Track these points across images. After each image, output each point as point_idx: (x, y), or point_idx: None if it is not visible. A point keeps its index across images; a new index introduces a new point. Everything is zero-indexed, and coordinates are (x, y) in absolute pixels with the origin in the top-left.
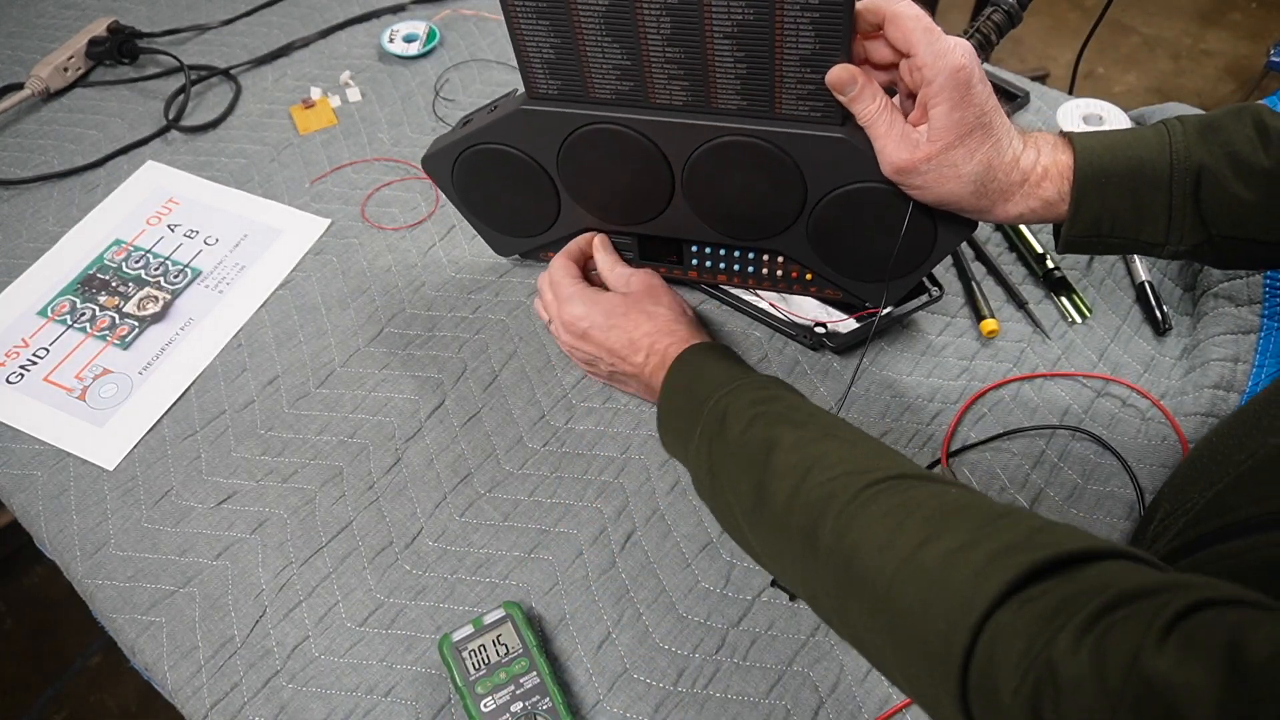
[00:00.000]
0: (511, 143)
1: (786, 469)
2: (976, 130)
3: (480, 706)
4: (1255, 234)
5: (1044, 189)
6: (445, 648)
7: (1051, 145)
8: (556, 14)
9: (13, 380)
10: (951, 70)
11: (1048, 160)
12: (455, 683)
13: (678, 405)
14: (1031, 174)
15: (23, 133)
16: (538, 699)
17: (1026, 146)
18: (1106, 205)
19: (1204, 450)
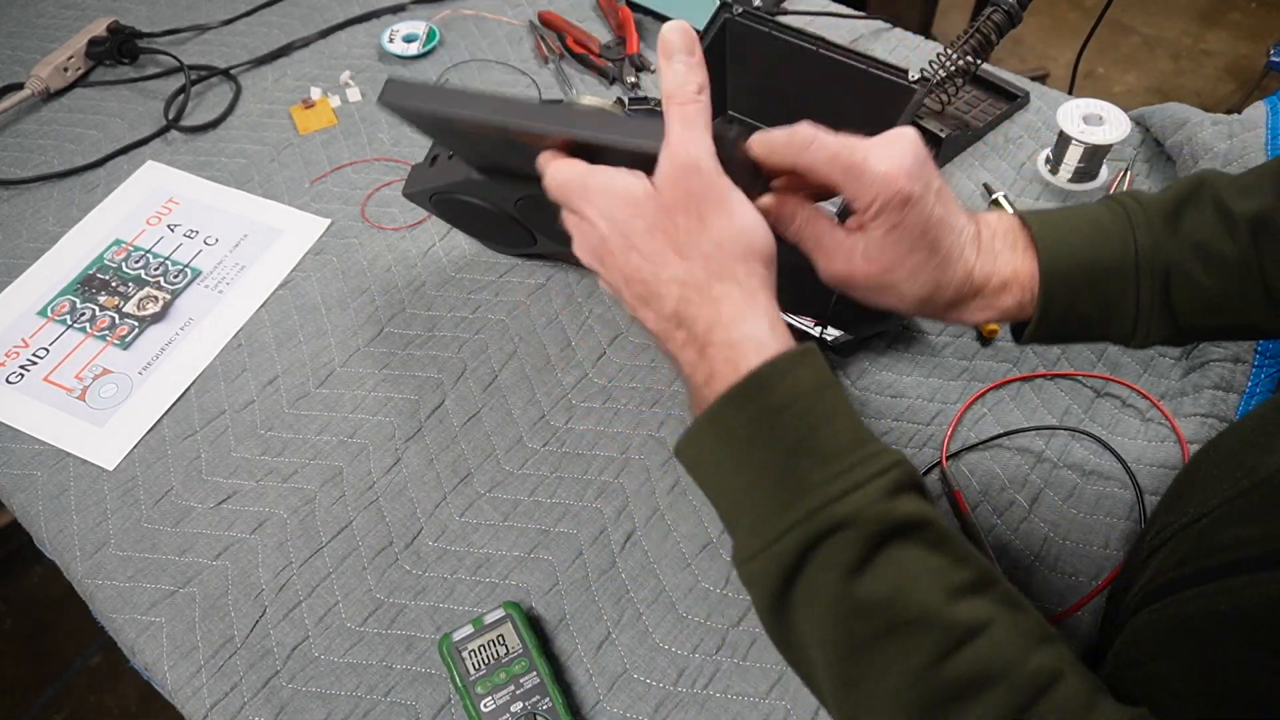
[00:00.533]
0: (474, 195)
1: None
2: (918, 251)
3: (480, 707)
4: (1225, 320)
5: (1003, 300)
6: (445, 648)
7: (1010, 247)
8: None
9: (13, 380)
10: (884, 200)
11: (1006, 271)
12: (455, 683)
13: (754, 460)
14: (987, 286)
15: (23, 133)
16: (538, 699)
17: (981, 254)
18: (1073, 310)
19: (1199, 466)
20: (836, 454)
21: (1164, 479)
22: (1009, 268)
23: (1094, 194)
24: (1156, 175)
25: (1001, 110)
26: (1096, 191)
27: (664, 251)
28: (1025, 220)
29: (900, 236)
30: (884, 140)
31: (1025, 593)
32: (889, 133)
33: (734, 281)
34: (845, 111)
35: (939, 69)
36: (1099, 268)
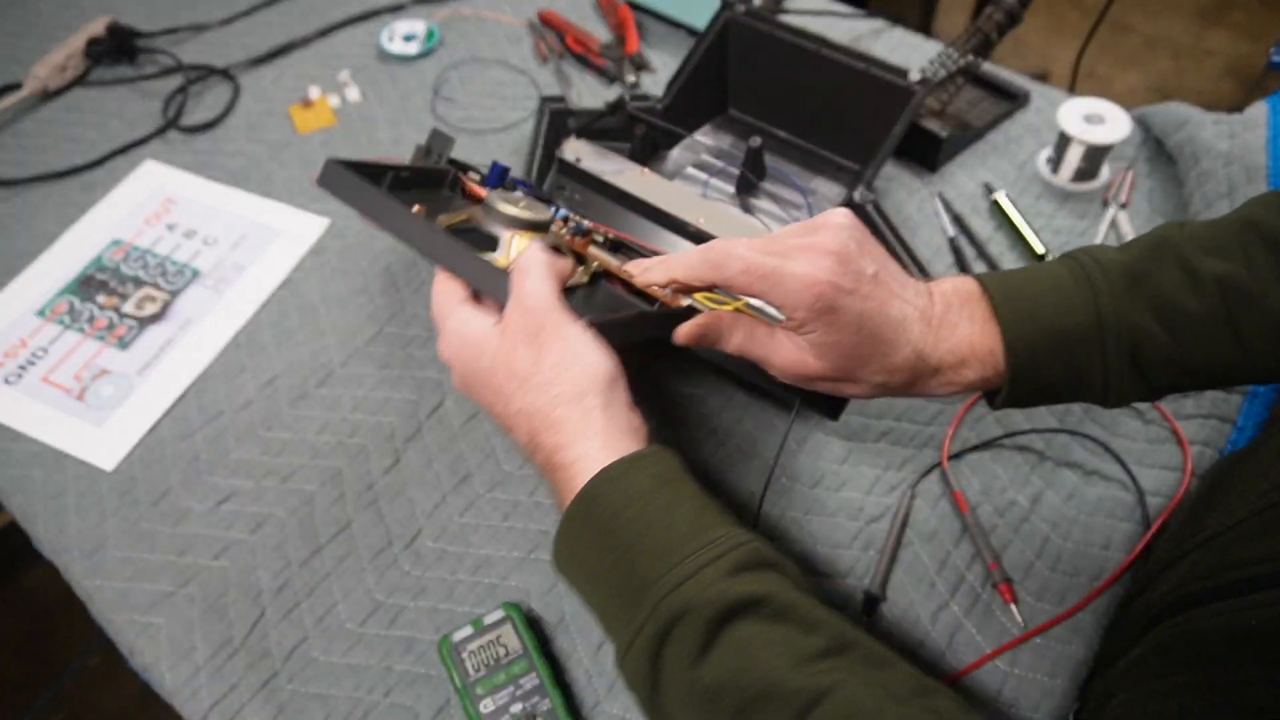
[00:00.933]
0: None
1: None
2: (862, 344)
3: (480, 708)
4: (1198, 376)
5: (964, 375)
6: (445, 649)
7: (969, 319)
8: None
9: (11, 380)
10: (807, 306)
11: (963, 348)
12: (455, 684)
13: (593, 559)
14: (945, 364)
15: (21, 133)
16: (537, 700)
17: (934, 331)
18: (1041, 379)
19: (1223, 478)
20: (673, 547)
21: (1165, 480)
22: (966, 343)
23: (1095, 193)
24: (1157, 175)
25: (1002, 110)
26: (1097, 191)
27: (508, 385)
28: (984, 285)
29: (839, 340)
30: (805, 234)
31: (1025, 593)
32: (815, 220)
33: (572, 405)
34: (846, 112)
35: (939, 68)
36: (1064, 336)
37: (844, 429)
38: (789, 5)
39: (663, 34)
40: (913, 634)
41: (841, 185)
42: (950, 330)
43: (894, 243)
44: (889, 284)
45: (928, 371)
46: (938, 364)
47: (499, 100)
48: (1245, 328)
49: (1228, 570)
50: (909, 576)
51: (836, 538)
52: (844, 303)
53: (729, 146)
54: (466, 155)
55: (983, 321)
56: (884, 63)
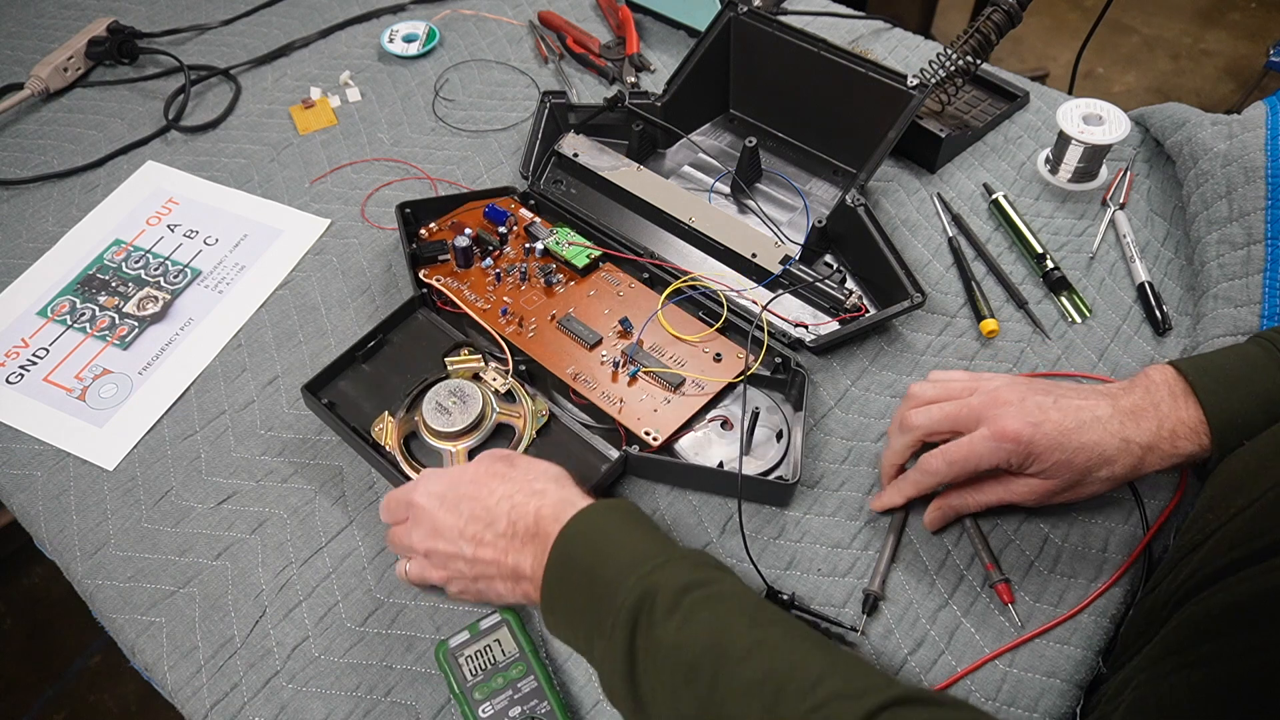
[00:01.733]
0: None
1: (748, 685)
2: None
3: (479, 712)
4: None
5: (1180, 446)
6: (442, 654)
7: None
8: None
9: (13, 380)
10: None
11: (1169, 421)
12: (453, 689)
13: (572, 587)
14: (1158, 441)
15: (22, 133)
16: (535, 703)
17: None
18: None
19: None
20: (640, 559)
21: (1161, 482)
22: (1172, 418)
23: (1094, 193)
24: (1156, 175)
25: (1001, 110)
26: (1096, 191)
27: (488, 483)
28: (1178, 368)
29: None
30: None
31: (1024, 593)
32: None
33: (549, 480)
34: (844, 114)
35: (939, 69)
36: (1263, 400)
37: (844, 429)
38: (789, 6)
39: (663, 34)
40: (912, 633)
41: (838, 187)
42: (1151, 411)
43: (884, 247)
44: (1074, 399)
45: (1141, 452)
46: (1149, 443)
47: (499, 100)
48: None
49: (1254, 539)
50: (909, 576)
51: (836, 537)
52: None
53: (727, 146)
54: (466, 155)
55: (1183, 397)
56: (883, 66)
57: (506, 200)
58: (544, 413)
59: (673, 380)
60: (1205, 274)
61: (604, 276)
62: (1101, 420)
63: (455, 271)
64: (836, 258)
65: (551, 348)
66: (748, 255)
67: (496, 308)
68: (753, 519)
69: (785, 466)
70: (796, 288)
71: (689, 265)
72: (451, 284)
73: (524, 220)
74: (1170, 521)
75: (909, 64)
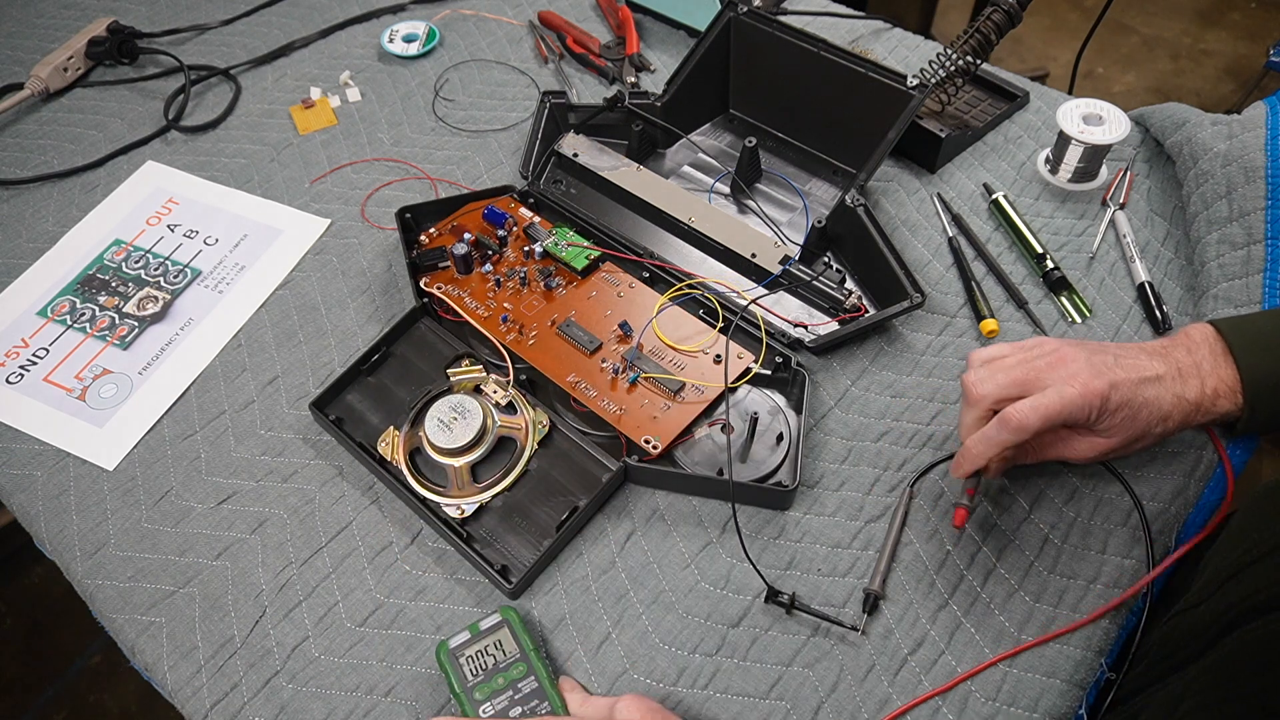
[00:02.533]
0: None
1: None
2: (1137, 413)
3: (479, 712)
4: None
5: (1220, 406)
6: (443, 655)
7: (1209, 355)
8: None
9: (13, 380)
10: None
11: (1212, 380)
12: (454, 689)
13: None
14: (1204, 399)
15: (22, 133)
16: (536, 703)
17: (1186, 379)
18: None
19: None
20: None
21: (1162, 484)
22: (1214, 377)
23: (1094, 193)
24: (1156, 175)
25: (1001, 110)
26: (1096, 191)
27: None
28: (1219, 328)
29: (1115, 414)
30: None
31: (1024, 593)
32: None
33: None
34: (844, 115)
35: (939, 69)
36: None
37: (844, 429)
38: (789, 6)
39: (663, 34)
40: (912, 633)
41: (838, 188)
42: (1195, 370)
43: (883, 246)
44: (1132, 358)
45: (1190, 409)
46: (1197, 401)
47: (499, 100)
48: None
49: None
50: (908, 576)
51: (836, 537)
52: (1114, 393)
53: (727, 146)
54: (466, 155)
55: (1223, 356)
56: (883, 67)
57: (506, 200)
58: (545, 423)
59: (672, 386)
60: (1205, 274)
61: (604, 277)
62: (1161, 379)
63: (455, 278)
64: (836, 258)
65: (552, 355)
66: (747, 255)
67: (497, 315)
68: (753, 519)
69: (784, 471)
70: (796, 288)
71: (689, 265)
72: (452, 291)
73: (523, 221)
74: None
75: (909, 64)
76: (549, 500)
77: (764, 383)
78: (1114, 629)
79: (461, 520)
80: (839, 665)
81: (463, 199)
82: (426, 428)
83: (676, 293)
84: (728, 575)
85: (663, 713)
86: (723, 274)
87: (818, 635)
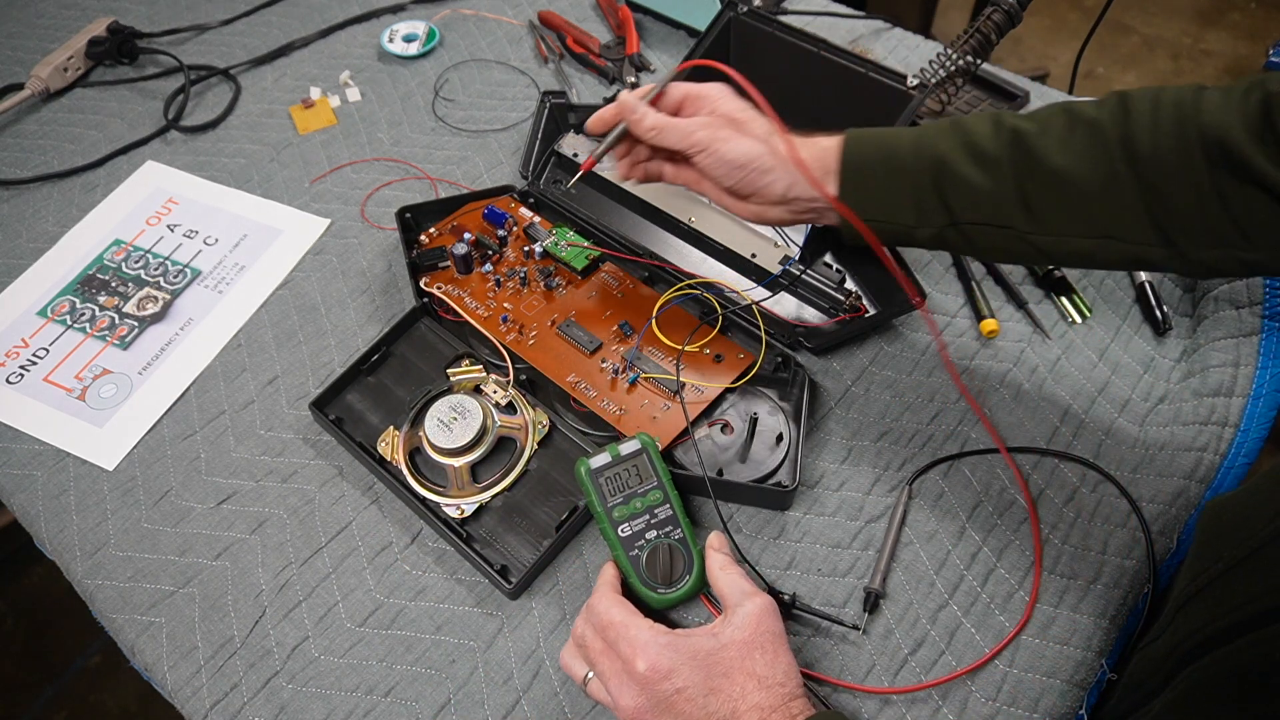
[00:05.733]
0: None
1: None
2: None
3: (618, 532)
4: (990, 218)
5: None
6: (584, 471)
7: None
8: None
9: (13, 380)
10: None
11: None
12: (594, 507)
13: None
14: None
15: (22, 133)
16: (670, 529)
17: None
18: (866, 185)
19: (1228, 508)
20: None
21: (1162, 485)
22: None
23: None
24: None
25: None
26: None
27: (747, 684)
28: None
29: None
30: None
31: (1023, 593)
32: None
33: (801, 699)
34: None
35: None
36: (884, 150)
37: (844, 429)
38: (789, 6)
39: (663, 34)
40: (912, 633)
41: None
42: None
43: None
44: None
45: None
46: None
47: (499, 100)
48: (1024, 175)
49: (1248, 604)
50: (908, 576)
51: (836, 537)
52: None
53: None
54: (466, 155)
55: (838, 140)
56: (883, 67)
57: (506, 200)
58: (545, 423)
59: (672, 386)
60: None
61: (604, 277)
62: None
63: (455, 278)
64: (836, 258)
65: (552, 355)
66: (747, 256)
67: (497, 315)
68: (753, 519)
69: (784, 471)
70: (796, 288)
71: (689, 265)
72: (452, 291)
73: (523, 221)
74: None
75: (909, 64)
76: (549, 500)
77: (764, 383)
78: (1114, 630)
79: (461, 520)
80: (839, 665)
81: (463, 199)
82: (426, 428)
83: (676, 293)
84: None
85: (779, 636)
86: (723, 274)
87: (818, 635)
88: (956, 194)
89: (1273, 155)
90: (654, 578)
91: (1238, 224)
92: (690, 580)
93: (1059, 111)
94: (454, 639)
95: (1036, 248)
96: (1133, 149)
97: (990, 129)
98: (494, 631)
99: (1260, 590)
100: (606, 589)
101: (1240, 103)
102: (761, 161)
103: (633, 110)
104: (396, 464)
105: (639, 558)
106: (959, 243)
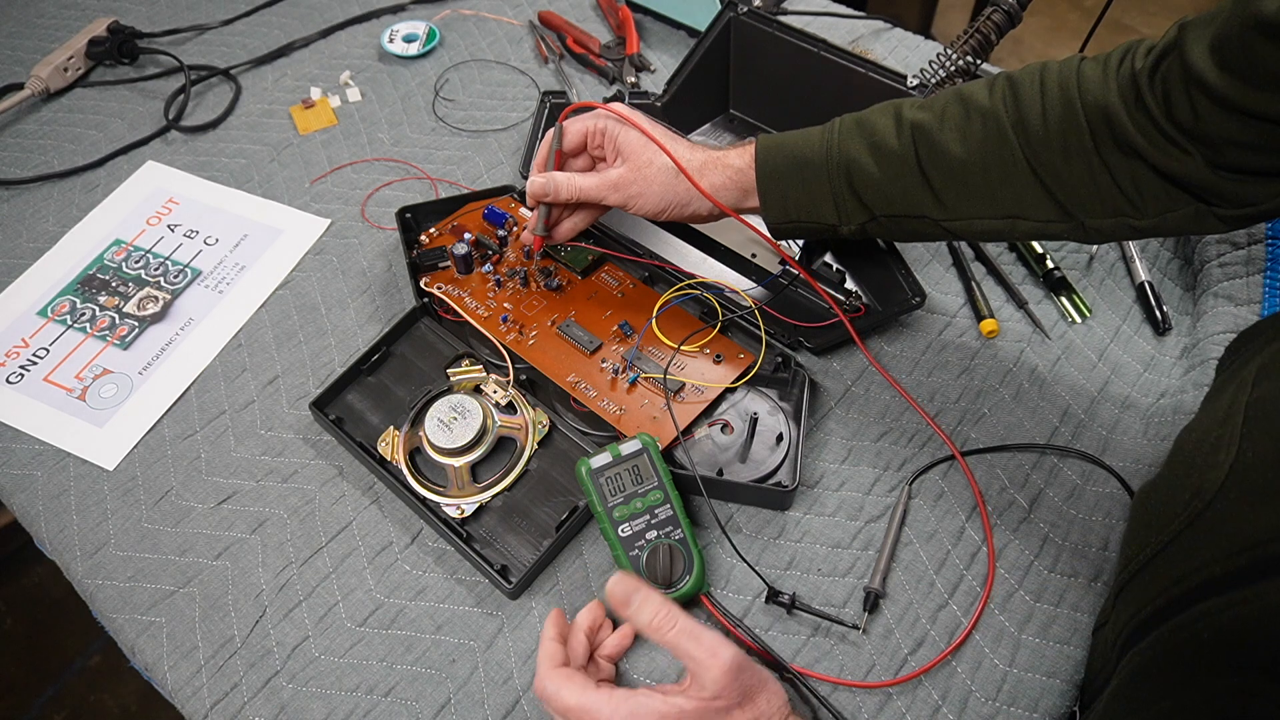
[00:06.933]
0: None
1: None
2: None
3: (618, 531)
4: (905, 210)
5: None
6: (584, 471)
7: (737, 156)
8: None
9: (13, 380)
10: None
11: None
12: (595, 507)
13: None
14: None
15: (23, 133)
16: (671, 529)
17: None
18: (786, 194)
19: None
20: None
21: None
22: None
23: None
24: None
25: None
26: None
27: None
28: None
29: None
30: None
31: (1023, 592)
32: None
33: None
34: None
35: (939, 69)
36: (801, 161)
37: (844, 429)
38: (789, 6)
39: (663, 34)
40: (912, 633)
41: None
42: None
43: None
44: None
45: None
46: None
47: (499, 100)
48: (929, 167)
49: (1172, 586)
50: (908, 575)
51: (836, 537)
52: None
53: (727, 146)
54: (466, 155)
55: (749, 156)
56: (883, 66)
57: (506, 200)
58: (545, 423)
59: (672, 386)
60: (1206, 274)
61: (604, 277)
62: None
63: (456, 278)
64: (836, 258)
65: (552, 355)
66: (747, 256)
67: (497, 315)
68: (753, 519)
69: (784, 471)
70: (796, 288)
71: (689, 265)
72: (452, 291)
73: (523, 221)
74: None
75: (909, 64)
76: (549, 500)
77: (764, 383)
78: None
79: (461, 520)
80: (839, 665)
81: (463, 199)
82: (426, 428)
83: (676, 293)
84: (728, 575)
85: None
86: (723, 274)
87: (818, 635)
88: (870, 192)
89: (1143, 126)
90: (654, 578)
91: (1125, 194)
92: (690, 581)
93: (954, 100)
94: (454, 639)
95: (951, 231)
96: (1025, 133)
97: (892, 125)
98: (494, 631)
99: (1180, 573)
100: (547, 667)
101: (1115, 76)
102: (677, 199)
103: (544, 193)
104: (396, 464)
105: (639, 558)
106: (883, 232)
